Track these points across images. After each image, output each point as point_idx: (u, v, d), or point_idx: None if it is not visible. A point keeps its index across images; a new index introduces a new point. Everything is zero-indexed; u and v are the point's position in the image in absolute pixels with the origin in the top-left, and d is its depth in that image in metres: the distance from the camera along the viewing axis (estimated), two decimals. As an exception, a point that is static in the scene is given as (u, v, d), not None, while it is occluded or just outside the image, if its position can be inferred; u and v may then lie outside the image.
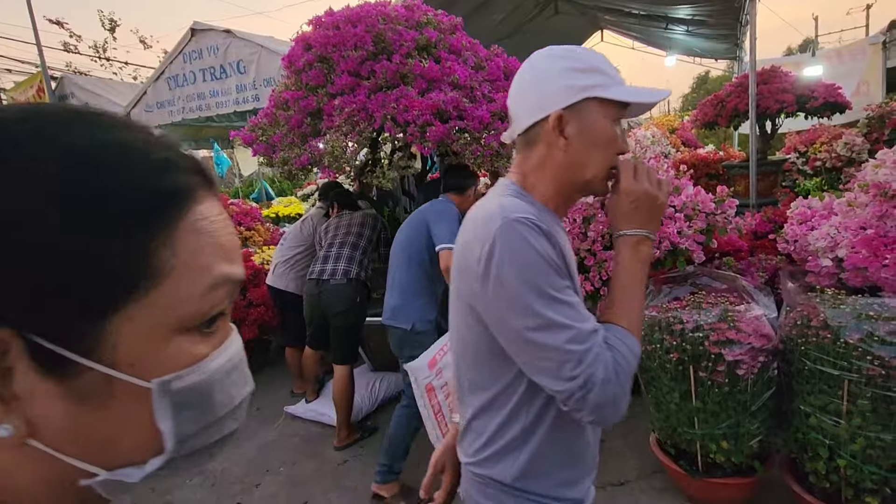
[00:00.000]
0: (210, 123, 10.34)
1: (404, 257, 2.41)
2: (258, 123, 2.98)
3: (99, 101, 8.58)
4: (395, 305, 2.39)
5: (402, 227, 2.50)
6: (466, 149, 2.51)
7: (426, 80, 2.61)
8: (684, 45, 7.66)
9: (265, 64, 6.55)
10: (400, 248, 2.45)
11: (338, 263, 2.95)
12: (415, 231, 2.41)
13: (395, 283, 2.43)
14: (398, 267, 2.43)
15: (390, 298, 2.42)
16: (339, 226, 3.18)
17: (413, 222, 2.45)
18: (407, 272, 2.39)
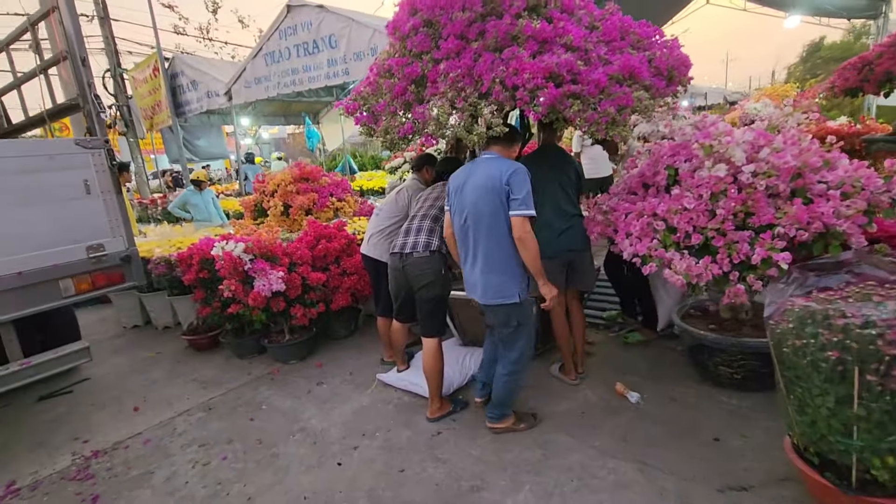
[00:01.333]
0: (300, 99, 10.81)
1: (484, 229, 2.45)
2: (361, 92, 2.96)
3: (204, 78, 9.18)
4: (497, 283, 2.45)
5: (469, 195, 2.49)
6: (581, 116, 2.32)
7: (538, 41, 2.42)
8: (811, 1, 6.66)
9: (356, 38, 6.59)
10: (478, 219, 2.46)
11: (419, 236, 2.92)
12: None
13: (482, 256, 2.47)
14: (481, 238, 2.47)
15: (488, 274, 2.46)
16: (428, 198, 3.14)
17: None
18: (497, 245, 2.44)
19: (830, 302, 1.72)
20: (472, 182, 2.46)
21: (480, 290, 2.49)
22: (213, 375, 3.90)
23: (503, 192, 2.36)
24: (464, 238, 2.53)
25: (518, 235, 2.35)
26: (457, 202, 2.55)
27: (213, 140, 12.65)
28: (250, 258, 3.68)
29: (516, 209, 2.35)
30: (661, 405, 2.88)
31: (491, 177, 2.39)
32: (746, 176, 2.21)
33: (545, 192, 2.90)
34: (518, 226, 2.34)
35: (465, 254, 2.55)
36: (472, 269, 2.52)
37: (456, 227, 2.57)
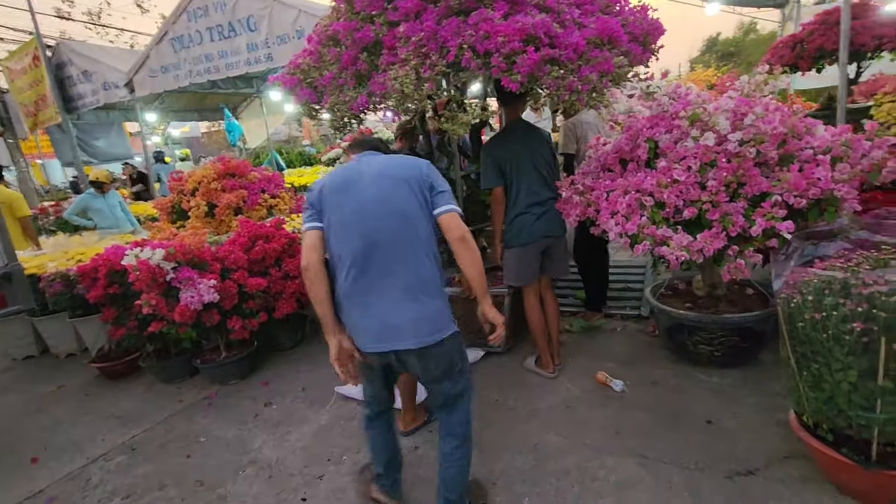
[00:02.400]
0: (216, 90, 9.85)
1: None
2: (300, 64, 2.55)
3: (99, 67, 8.06)
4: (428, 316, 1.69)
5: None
6: (560, 83, 2.09)
7: (507, 1, 2.16)
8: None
9: (278, 19, 6.01)
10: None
11: None
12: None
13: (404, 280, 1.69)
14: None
15: (419, 302, 1.68)
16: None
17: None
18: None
19: (847, 270, 1.62)
20: (369, 181, 1.70)
21: (411, 330, 1.66)
22: (135, 408, 3.29)
23: (425, 185, 1.70)
24: (366, 261, 1.66)
25: (461, 235, 1.68)
26: (348, 212, 1.67)
27: (113, 139, 11.24)
28: (173, 266, 3.12)
29: (447, 203, 1.70)
30: (644, 390, 2.76)
31: (406, 166, 1.73)
32: (733, 144, 2.09)
33: (518, 173, 2.67)
34: (457, 223, 1.68)
35: (368, 285, 1.67)
36: (386, 304, 1.66)
37: (349, 248, 1.66)
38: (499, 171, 2.69)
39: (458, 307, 3.22)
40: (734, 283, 2.94)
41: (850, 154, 1.96)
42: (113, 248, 3.34)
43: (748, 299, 2.85)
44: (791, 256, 1.87)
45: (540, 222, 2.67)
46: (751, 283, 2.94)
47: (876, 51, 3.59)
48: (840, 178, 1.89)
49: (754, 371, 2.78)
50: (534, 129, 2.82)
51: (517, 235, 2.72)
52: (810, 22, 4.04)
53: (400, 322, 1.65)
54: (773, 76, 2.39)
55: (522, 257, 2.76)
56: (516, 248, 2.75)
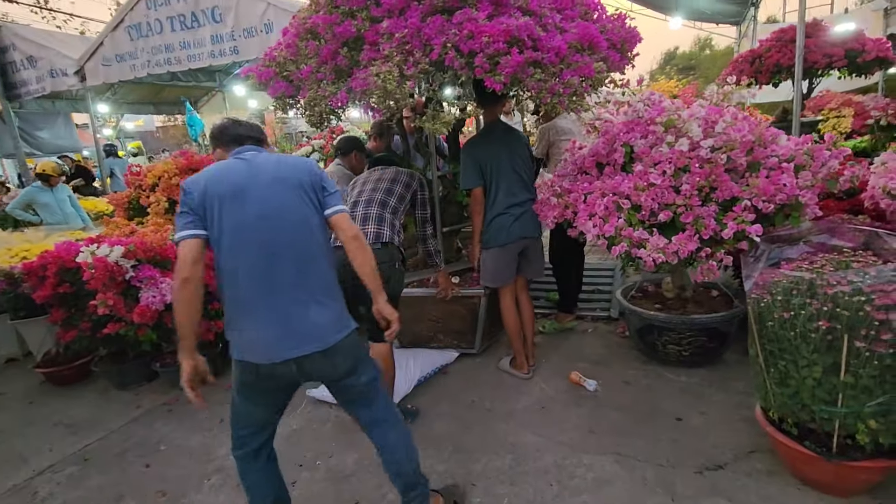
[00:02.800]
0: (175, 83, 9.46)
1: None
2: (276, 57, 2.47)
3: (46, 53, 7.56)
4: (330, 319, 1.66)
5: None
6: (543, 86, 2.11)
7: (491, 2, 2.17)
8: (689, 5, 7.35)
9: (246, 12, 5.82)
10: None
11: (366, 225, 2.51)
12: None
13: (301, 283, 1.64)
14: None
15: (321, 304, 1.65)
16: (367, 181, 2.74)
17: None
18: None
19: (812, 271, 1.70)
20: (265, 187, 1.60)
21: (316, 333, 1.62)
22: (87, 415, 3.08)
23: (318, 186, 1.65)
24: (265, 271, 1.58)
25: (354, 234, 1.69)
26: (246, 222, 1.57)
27: (59, 131, 10.57)
28: (132, 264, 2.95)
29: (337, 203, 1.68)
30: (617, 390, 2.82)
31: (298, 169, 1.65)
32: (705, 151, 2.18)
33: (498, 174, 2.68)
34: (348, 222, 1.69)
35: (268, 296, 1.59)
36: (290, 312, 1.60)
37: (246, 259, 1.57)
38: (479, 172, 2.69)
39: (434, 308, 3.22)
40: (700, 285, 3.07)
41: (812, 163, 2.08)
42: (64, 245, 3.13)
43: (714, 301, 2.97)
44: (759, 259, 1.96)
45: (518, 223, 2.68)
46: (716, 285, 3.07)
47: (826, 68, 3.83)
48: (804, 184, 2.00)
49: (720, 370, 2.89)
50: (513, 130, 2.84)
51: (495, 236, 2.73)
52: (767, 39, 4.27)
53: (305, 328, 1.60)
54: (740, 87, 2.50)
55: (500, 258, 2.77)
56: (494, 249, 2.76)
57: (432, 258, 2.92)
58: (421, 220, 2.86)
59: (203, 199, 1.56)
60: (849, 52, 3.77)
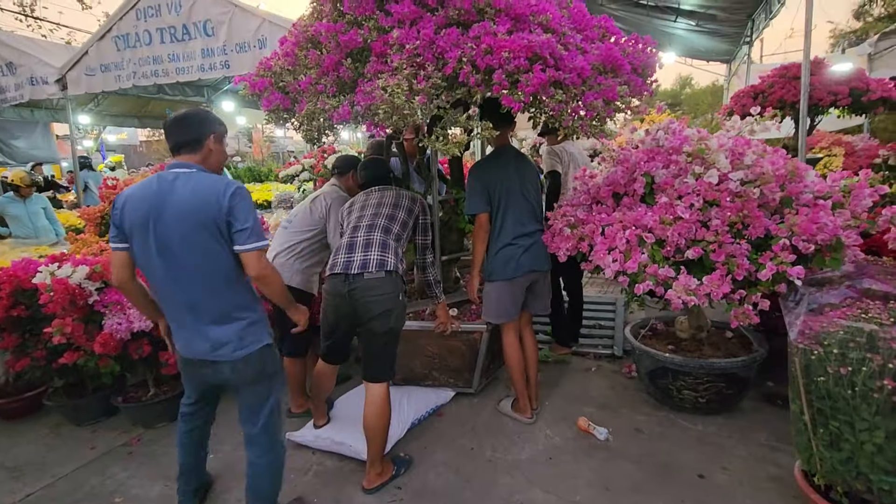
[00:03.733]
0: (161, 96, 9.22)
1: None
2: (272, 66, 2.27)
3: (26, 60, 7.27)
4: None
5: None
6: (564, 108, 1.94)
7: (511, 17, 2.02)
8: (683, 42, 7.48)
9: (239, 26, 5.66)
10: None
11: (368, 252, 2.28)
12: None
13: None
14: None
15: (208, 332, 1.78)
16: (367, 205, 2.52)
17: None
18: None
19: (870, 321, 1.52)
20: (171, 221, 1.66)
21: (221, 347, 1.78)
22: (34, 456, 2.72)
23: (223, 223, 1.64)
24: (171, 295, 1.77)
25: (256, 274, 1.71)
26: (151, 252, 1.69)
27: (36, 140, 10.21)
28: (97, 287, 2.65)
29: (246, 242, 1.66)
30: (629, 439, 2.58)
31: (207, 203, 1.64)
32: (734, 184, 2.02)
33: (507, 202, 2.49)
34: (253, 262, 1.69)
35: (175, 313, 1.81)
36: (190, 332, 1.81)
37: (155, 280, 1.76)
38: (486, 197, 2.49)
39: (430, 343, 2.96)
40: (714, 324, 2.89)
41: (850, 200, 1.93)
42: (23, 263, 2.81)
43: (730, 343, 2.78)
44: (800, 303, 1.78)
45: (527, 255, 2.48)
46: (728, 325, 2.89)
47: (830, 106, 3.80)
48: (846, 223, 1.84)
49: (738, 419, 2.68)
50: (523, 156, 2.67)
51: (502, 268, 2.51)
52: (769, 75, 4.26)
53: (210, 342, 1.77)
54: (764, 118, 2.38)
55: (506, 292, 2.55)
56: (500, 283, 2.53)
57: (431, 289, 2.69)
58: (421, 247, 2.64)
59: (122, 221, 1.73)
60: (853, 90, 3.75)
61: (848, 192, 1.96)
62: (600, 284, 4.92)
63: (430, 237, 2.64)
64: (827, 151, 5.50)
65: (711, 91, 22.75)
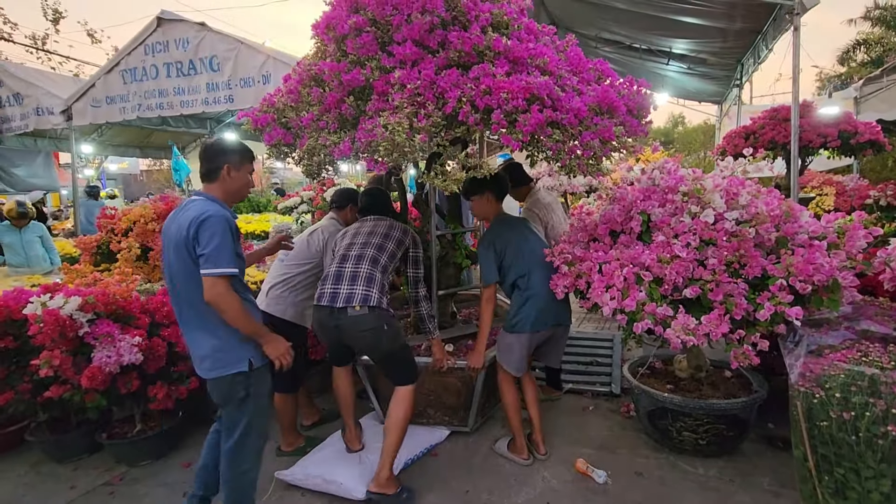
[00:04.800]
0: (164, 128, 9.36)
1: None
2: (275, 103, 2.31)
3: (33, 91, 7.42)
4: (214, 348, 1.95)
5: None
6: (562, 147, 1.98)
7: (509, 60, 2.08)
8: (675, 83, 7.71)
9: (244, 62, 5.82)
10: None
11: (354, 285, 2.34)
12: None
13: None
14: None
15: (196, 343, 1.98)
16: (359, 233, 2.55)
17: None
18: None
19: (871, 364, 1.51)
20: (168, 242, 1.93)
21: (202, 363, 1.96)
22: (10, 496, 2.61)
23: (191, 247, 1.83)
24: (176, 307, 1.99)
25: (209, 298, 1.81)
26: (166, 255, 1.96)
27: (37, 169, 10.26)
28: (89, 318, 2.61)
29: (204, 266, 1.80)
30: (629, 483, 2.51)
31: (182, 228, 1.84)
32: (730, 223, 2.04)
33: (532, 252, 2.52)
34: (208, 286, 1.80)
35: (179, 321, 2.01)
36: (188, 339, 2.02)
37: (168, 286, 1.99)
38: (499, 263, 2.55)
39: (425, 380, 2.90)
40: (712, 364, 2.85)
41: (845, 241, 1.95)
42: (14, 293, 2.78)
43: (729, 383, 2.74)
44: (799, 344, 1.76)
45: (554, 308, 2.48)
46: (727, 365, 2.86)
47: (820, 147, 3.89)
48: (841, 264, 1.85)
49: (738, 462, 2.62)
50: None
51: (532, 320, 2.46)
52: (759, 117, 4.37)
53: (197, 358, 1.96)
54: (757, 159, 2.42)
55: (531, 344, 2.54)
56: (526, 335, 2.49)
57: (425, 324, 2.67)
58: (413, 281, 2.64)
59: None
60: (842, 132, 3.85)
61: (843, 232, 1.98)
62: (597, 321, 4.88)
63: (421, 271, 2.65)
64: (818, 191, 5.59)
65: (703, 130, 23.34)
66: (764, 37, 4.84)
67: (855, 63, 16.20)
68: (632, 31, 5.96)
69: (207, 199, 1.91)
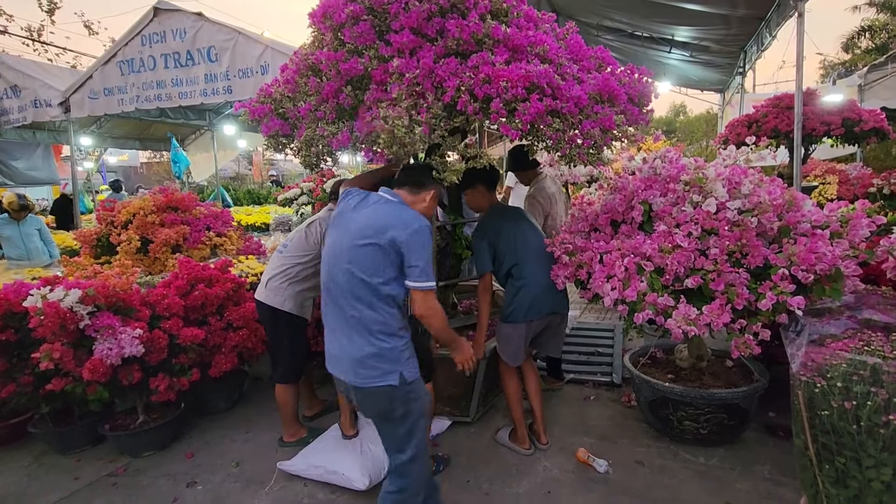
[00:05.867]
0: (163, 119, 9.31)
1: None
2: (272, 93, 2.29)
3: (31, 83, 7.37)
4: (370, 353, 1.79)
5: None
6: (562, 136, 1.95)
7: (508, 48, 2.05)
8: (678, 72, 7.64)
9: (242, 53, 5.76)
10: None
11: None
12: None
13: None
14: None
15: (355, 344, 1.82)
16: None
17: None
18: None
19: (873, 353, 1.50)
20: (353, 227, 1.83)
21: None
22: (14, 487, 2.63)
23: (395, 254, 1.75)
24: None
25: (420, 313, 1.79)
26: (329, 247, 1.91)
27: (36, 161, 10.23)
28: (90, 311, 2.61)
29: (415, 280, 1.75)
30: (629, 472, 2.52)
31: (372, 226, 1.77)
32: (732, 213, 2.02)
33: (526, 242, 2.51)
34: (420, 300, 1.77)
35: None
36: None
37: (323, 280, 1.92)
38: (492, 253, 2.52)
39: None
40: (714, 353, 2.85)
41: (848, 230, 1.94)
42: (14, 286, 2.78)
43: (730, 373, 2.74)
44: (800, 334, 1.75)
45: (549, 296, 2.47)
46: (728, 354, 2.86)
47: (824, 135, 3.85)
48: (844, 253, 1.84)
49: (739, 451, 2.62)
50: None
51: (525, 309, 2.46)
52: (763, 105, 4.33)
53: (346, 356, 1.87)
54: (759, 148, 2.40)
55: (526, 333, 2.52)
56: (521, 324, 2.49)
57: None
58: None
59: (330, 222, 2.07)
60: (846, 120, 3.81)
61: (846, 221, 1.96)
62: (598, 311, 4.88)
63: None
64: (821, 180, 5.56)
65: (706, 119, 23.18)
66: (767, 23, 4.78)
67: (859, 50, 16.03)
68: (633, 18, 5.89)
69: (403, 205, 1.85)
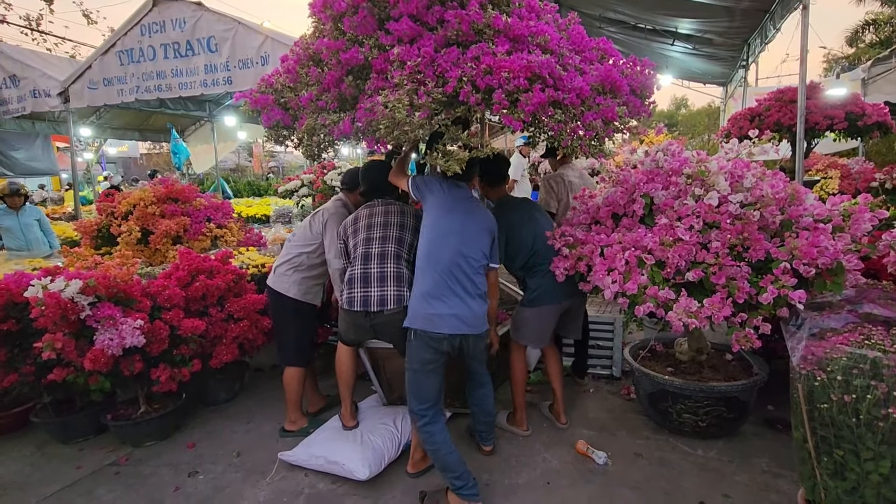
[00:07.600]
0: (163, 110, 9.27)
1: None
2: (273, 83, 2.27)
3: (30, 73, 7.32)
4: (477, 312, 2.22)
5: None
6: (564, 128, 1.94)
7: (509, 38, 2.03)
8: (680, 64, 7.58)
9: (242, 43, 5.72)
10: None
11: (385, 287, 2.36)
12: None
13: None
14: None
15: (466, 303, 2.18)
16: (373, 225, 2.51)
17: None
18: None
19: (873, 347, 1.50)
20: (471, 218, 2.29)
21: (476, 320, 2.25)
22: (16, 476, 2.64)
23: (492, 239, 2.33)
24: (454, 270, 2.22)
25: (493, 282, 2.38)
26: (446, 224, 2.25)
27: (36, 152, 10.20)
28: (90, 301, 2.61)
29: (497, 260, 2.38)
30: (628, 464, 2.53)
31: (487, 218, 2.34)
32: (734, 206, 2.01)
33: (540, 229, 2.55)
34: (493, 275, 2.38)
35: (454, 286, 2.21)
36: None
37: (445, 256, 2.19)
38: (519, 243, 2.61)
39: (391, 363, 2.89)
40: (713, 347, 2.86)
41: (850, 224, 1.93)
42: (15, 276, 2.78)
43: (729, 366, 2.75)
44: (801, 328, 1.75)
45: (568, 281, 2.48)
46: (728, 347, 2.86)
47: (827, 129, 3.83)
48: (846, 247, 1.84)
49: (738, 444, 2.64)
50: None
51: (550, 292, 2.52)
52: (766, 98, 4.30)
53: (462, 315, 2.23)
54: (761, 142, 2.39)
55: (547, 317, 2.59)
56: (546, 307, 2.56)
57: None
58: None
59: (433, 200, 2.36)
60: (849, 114, 3.79)
61: (848, 215, 1.96)
62: (598, 304, 4.88)
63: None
64: (823, 174, 5.54)
65: (707, 112, 23.08)
66: (772, 16, 4.74)
67: (863, 44, 15.92)
68: (636, 10, 5.84)
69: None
